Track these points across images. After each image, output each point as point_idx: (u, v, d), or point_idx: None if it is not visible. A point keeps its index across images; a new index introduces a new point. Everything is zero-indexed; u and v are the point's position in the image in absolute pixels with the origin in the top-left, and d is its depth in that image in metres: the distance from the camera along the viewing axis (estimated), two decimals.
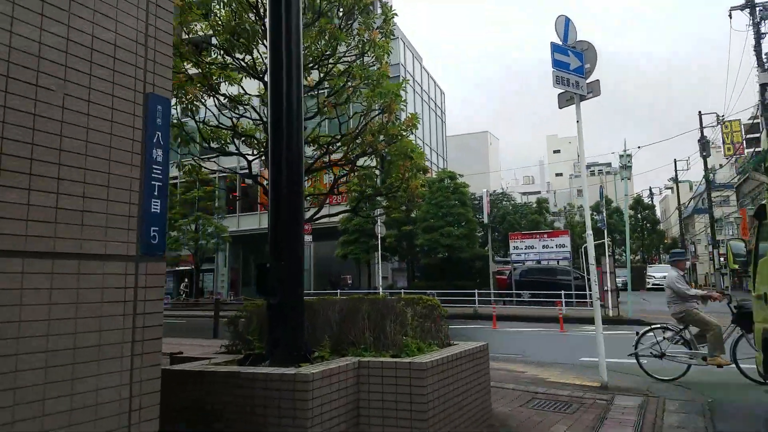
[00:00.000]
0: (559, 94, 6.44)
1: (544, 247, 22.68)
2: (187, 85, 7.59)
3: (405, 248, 25.59)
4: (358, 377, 3.88)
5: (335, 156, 8.46)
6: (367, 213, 11.47)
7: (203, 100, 8.34)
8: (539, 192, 71.99)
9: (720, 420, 4.67)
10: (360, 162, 8.23)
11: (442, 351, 4.31)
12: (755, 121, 47.99)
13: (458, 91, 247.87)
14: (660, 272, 43.27)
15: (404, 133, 7.49)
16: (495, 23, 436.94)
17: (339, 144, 7.92)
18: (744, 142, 43.20)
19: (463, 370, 4.35)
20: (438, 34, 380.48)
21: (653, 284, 41.41)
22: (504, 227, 41.18)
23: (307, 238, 20.38)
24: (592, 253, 6.59)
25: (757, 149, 45.51)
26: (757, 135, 45.90)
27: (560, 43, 6.12)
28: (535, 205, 48.20)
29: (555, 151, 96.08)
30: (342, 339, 4.37)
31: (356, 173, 8.41)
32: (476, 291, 19.45)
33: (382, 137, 7.17)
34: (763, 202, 5.07)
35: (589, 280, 22.32)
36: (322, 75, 7.52)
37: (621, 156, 17.81)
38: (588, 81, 6.24)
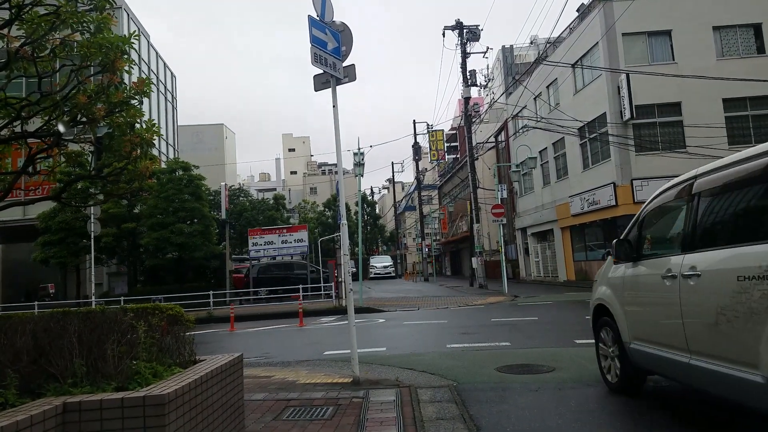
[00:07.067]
0: (315, 76, 6.00)
1: (283, 242, 22.56)
2: None
3: (126, 249, 22.45)
4: (64, 426, 2.74)
5: (33, 127, 6.34)
6: (79, 203, 9.27)
7: None
8: (275, 189, 72.40)
9: (471, 404, 4.82)
10: (70, 134, 6.27)
11: (186, 373, 3.39)
12: (454, 132, 57.12)
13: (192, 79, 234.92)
14: (381, 262, 48.43)
15: (134, 101, 5.87)
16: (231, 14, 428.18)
17: (39, 109, 5.82)
18: (446, 149, 50.93)
19: (214, 393, 3.51)
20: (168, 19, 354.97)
21: (375, 274, 46.10)
22: (241, 223, 40.12)
23: None
24: (346, 242, 6.35)
25: (455, 156, 54.15)
26: (456, 144, 54.68)
27: (317, 18, 5.67)
28: (272, 201, 48.39)
29: (290, 150, 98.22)
30: (37, 372, 3.10)
31: (63, 150, 6.41)
32: (211, 292, 18.08)
33: (101, 104, 5.48)
34: None
35: (325, 272, 23.09)
36: (12, 14, 5.35)
37: (355, 154, 18.70)
38: (345, 65, 5.95)
